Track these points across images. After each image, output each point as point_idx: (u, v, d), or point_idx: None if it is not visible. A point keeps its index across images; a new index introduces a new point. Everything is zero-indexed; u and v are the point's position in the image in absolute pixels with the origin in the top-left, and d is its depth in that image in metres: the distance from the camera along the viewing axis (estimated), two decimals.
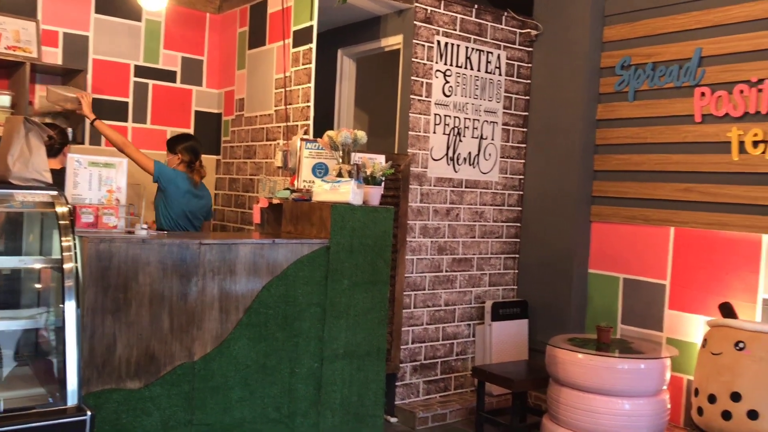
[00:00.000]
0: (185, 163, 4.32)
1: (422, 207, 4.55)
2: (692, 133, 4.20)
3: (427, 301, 4.62)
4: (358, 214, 3.39)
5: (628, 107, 4.54)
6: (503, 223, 5.01)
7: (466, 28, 4.69)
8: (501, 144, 4.94)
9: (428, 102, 4.53)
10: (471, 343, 4.87)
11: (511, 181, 5.03)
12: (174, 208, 4.23)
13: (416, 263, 4.54)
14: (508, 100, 4.96)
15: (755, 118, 3.92)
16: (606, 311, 4.64)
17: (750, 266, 3.93)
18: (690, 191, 4.20)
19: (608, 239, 4.67)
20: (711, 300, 4.04)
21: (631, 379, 3.65)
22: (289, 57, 4.35)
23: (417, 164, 4.50)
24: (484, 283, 4.93)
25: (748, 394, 3.35)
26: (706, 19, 4.14)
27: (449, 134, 4.66)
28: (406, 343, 4.51)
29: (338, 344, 3.36)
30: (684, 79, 4.23)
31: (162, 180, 4.21)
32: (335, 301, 3.34)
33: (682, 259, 4.25)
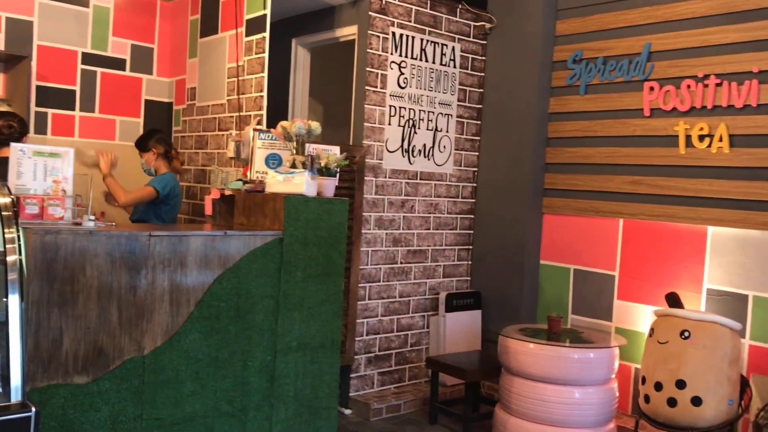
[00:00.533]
0: (161, 155, 4.30)
1: (377, 199, 4.55)
2: (641, 126, 4.29)
3: (382, 293, 4.62)
4: (312, 206, 3.36)
5: (579, 101, 4.61)
6: (457, 214, 5.05)
7: (421, 20, 4.69)
8: (455, 136, 4.97)
9: (383, 93, 4.52)
10: (425, 334, 4.90)
11: (466, 173, 5.07)
12: (175, 213, 4.26)
13: (371, 255, 4.54)
14: (462, 92, 4.98)
15: (701, 113, 4.02)
16: (557, 301, 4.72)
17: (696, 257, 4.05)
18: (638, 184, 4.29)
19: (559, 231, 4.74)
20: (658, 290, 4.15)
21: (580, 368, 3.72)
22: (242, 46, 4.28)
23: (372, 156, 4.50)
24: (439, 275, 4.96)
25: (692, 381, 3.45)
26: (655, 15, 4.22)
27: (404, 126, 4.66)
28: (361, 334, 4.51)
29: (292, 337, 3.34)
30: (634, 74, 4.31)
31: (170, 196, 4.24)
32: (289, 293, 3.31)
33: (631, 251, 4.35)
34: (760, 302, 3.77)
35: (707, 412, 3.44)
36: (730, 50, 3.90)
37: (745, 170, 3.84)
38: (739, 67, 3.86)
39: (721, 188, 3.92)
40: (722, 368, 3.47)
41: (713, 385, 3.44)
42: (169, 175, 4.33)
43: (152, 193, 4.18)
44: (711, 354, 3.48)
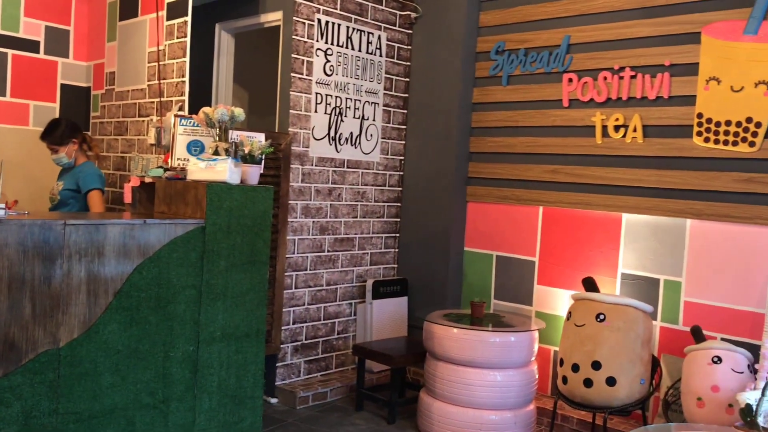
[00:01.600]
0: (80, 143, 4.18)
1: (304, 187, 4.53)
2: (560, 117, 4.41)
3: (309, 281, 4.61)
4: (235, 194, 3.32)
5: (502, 91, 4.71)
6: (384, 203, 5.08)
7: (347, 8, 4.68)
8: (382, 125, 4.99)
9: (309, 81, 4.50)
10: (352, 321, 4.92)
11: (392, 161, 5.10)
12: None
13: (298, 243, 4.52)
14: (389, 81, 5.01)
15: (617, 104, 4.17)
16: (480, 287, 4.82)
17: (611, 243, 4.21)
18: (557, 172, 4.42)
19: (483, 218, 4.84)
20: (576, 275, 4.29)
21: (502, 351, 3.82)
22: (163, 30, 4.17)
23: (298, 143, 4.47)
24: (366, 263, 4.98)
25: (607, 362, 3.60)
26: (573, 8, 4.34)
27: (331, 114, 4.65)
28: (287, 323, 4.49)
29: (215, 327, 3.30)
30: (553, 65, 4.43)
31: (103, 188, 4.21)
32: (212, 282, 3.26)
33: (550, 237, 4.48)
34: (671, 285, 3.96)
35: (621, 391, 3.59)
36: (644, 44, 4.05)
37: (658, 159, 4.01)
38: (652, 60, 4.02)
39: (635, 177, 4.09)
40: (635, 349, 3.63)
41: (626, 365, 3.60)
42: (94, 167, 4.20)
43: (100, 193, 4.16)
44: (624, 336, 3.63)
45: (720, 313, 3.77)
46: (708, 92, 3.79)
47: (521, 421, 3.86)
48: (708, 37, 3.79)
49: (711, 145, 3.79)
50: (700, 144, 3.83)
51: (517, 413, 3.85)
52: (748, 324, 3.65)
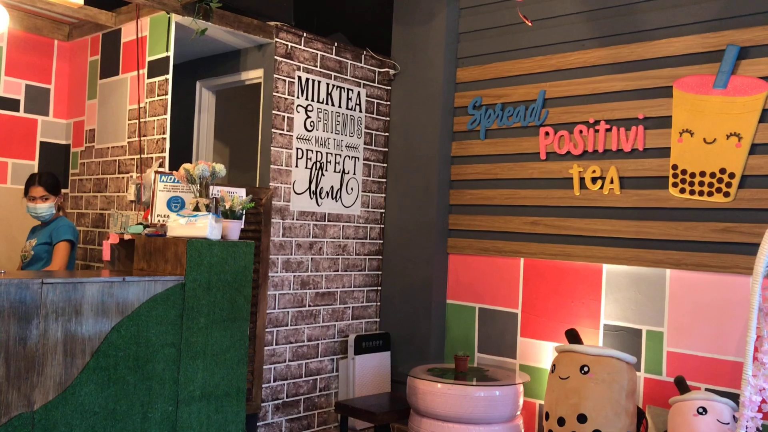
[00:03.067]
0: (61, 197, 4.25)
1: (285, 241, 4.52)
2: (538, 169, 4.48)
3: (290, 337, 4.56)
4: (216, 250, 3.30)
5: (480, 145, 4.77)
6: (366, 255, 5.07)
7: (327, 65, 4.76)
8: (363, 178, 5.03)
9: (290, 136, 4.53)
10: (334, 378, 4.85)
11: (373, 214, 5.12)
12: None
13: (278, 298, 4.48)
14: (368, 136, 5.06)
15: (593, 156, 4.24)
16: (463, 340, 4.79)
17: (593, 294, 4.22)
18: (537, 224, 4.46)
19: (465, 270, 4.84)
20: (559, 327, 4.29)
21: (487, 406, 3.78)
22: (144, 88, 4.20)
23: (279, 198, 4.47)
24: (348, 317, 4.94)
25: (592, 415, 3.57)
26: (548, 64, 4.46)
27: (311, 168, 4.67)
28: (268, 381, 4.41)
29: (195, 386, 3.24)
30: (530, 119, 4.51)
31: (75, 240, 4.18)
32: (191, 340, 3.22)
33: (532, 289, 4.49)
34: (653, 336, 3.96)
35: None
36: (618, 98, 4.15)
37: (635, 210, 4.06)
38: (626, 113, 4.11)
39: (613, 228, 4.13)
40: (620, 401, 3.61)
41: (612, 418, 3.57)
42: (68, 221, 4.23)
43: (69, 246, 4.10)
44: (609, 388, 3.61)
45: (702, 362, 3.77)
46: (682, 144, 3.88)
47: None
48: (679, 91, 3.90)
49: (687, 196, 3.86)
50: (676, 195, 3.89)
51: None
52: (729, 373, 3.65)
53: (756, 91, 3.64)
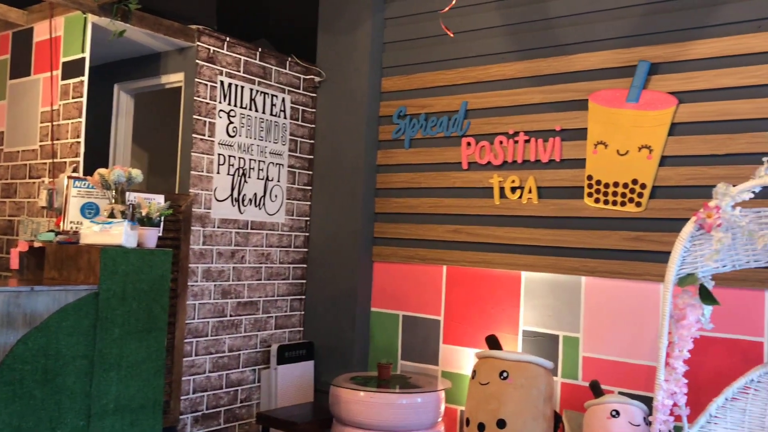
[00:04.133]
0: None
1: (205, 249, 4.42)
2: (460, 179, 4.55)
3: (210, 348, 4.46)
4: (131, 258, 3.20)
5: (404, 154, 4.81)
6: (290, 264, 5.02)
7: (251, 71, 4.70)
8: (287, 186, 4.98)
9: (212, 142, 4.45)
10: (256, 388, 4.77)
11: (298, 222, 5.08)
12: None
13: (198, 308, 4.38)
14: (293, 143, 5.02)
15: (512, 167, 4.34)
16: (387, 348, 4.80)
17: (512, 301, 4.31)
18: (459, 232, 4.53)
19: (389, 278, 4.86)
20: (480, 333, 4.35)
21: (409, 413, 3.80)
22: (58, 89, 4.04)
23: (200, 205, 4.38)
24: (270, 326, 4.87)
25: (511, 420, 3.64)
26: (470, 76, 4.54)
27: (234, 175, 4.60)
28: (187, 393, 4.30)
29: (108, 399, 3.12)
30: (452, 130, 4.58)
31: None
32: (105, 352, 3.10)
33: (454, 296, 4.55)
34: (569, 341, 4.07)
35: None
36: (536, 110, 4.26)
37: (552, 219, 4.18)
38: (543, 125, 4.23)
39: (532, 236, 4.23)
40: (538, 406, 3.69)
41: (530, 422, 3.64)
42: None
43: None
44: (527, 393, 3.69)
45: (616, 367, 3.90)
46: (596, 156, 4.02)
47: None
48: (594, 104, 4.04)
49: (601, 206, 3.99)
50: (590, 204, 4.03)
51: None
52: (642, 377, 3.80)
53: (665, 106, 3.81)
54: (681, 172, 3.77)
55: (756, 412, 3.19)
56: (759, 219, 2.94)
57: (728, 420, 3.21)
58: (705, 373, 3.54)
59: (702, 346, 3.43)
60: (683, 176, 3.76)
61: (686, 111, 3.76)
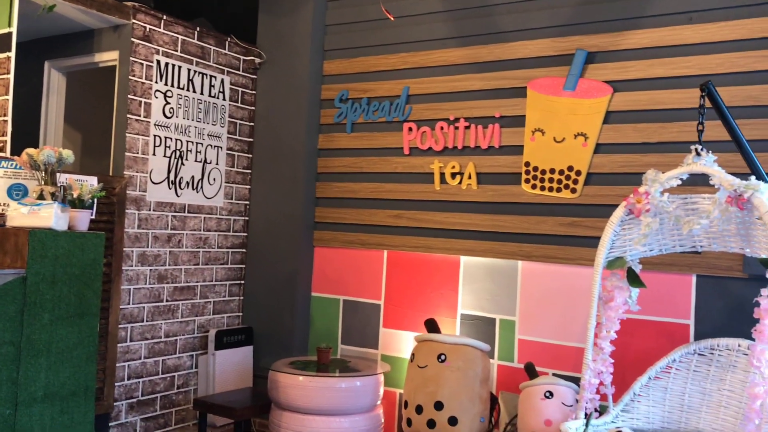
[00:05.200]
0: None
1: (140, 233, 4.32)
2: (402, 164, 4.56)
3: (146, 334, 4.37)
4: (61, 241, 3.10)
5: (346, 138, 4.79)
6: (228, 249, 4.95)
7: (188, 50, 4.59)
8: (226, 169, 4.90)
9: (147, 123, 4.34)
10: (194, 374, 4.70)
11: (237, 206, 5.01)
12: None
13: (133, 293, 4.28)
14: (232, 125, 4.94)
15: (453, 152, 4.38)
16: (327, 333, 4.80)
17: (451, 285, 4.36)
18: (400, 217, 4.55)
19: (330, 263, 4.85)
20: (419, 317, 4.39)
21: (348, 396, 3.81)
22: None
23: (135, 187, 4.27)
24: (209, 312, 4.81)
25: (448, 402, 3.69)
26: (412, 61, 4.54)
27: (170, 157, 4.50)
28: (122, 379, 4.21)
29: (37, 386, 3.03)
30: (394, 115, 4.58)
31: None
32: (33, 338, 3.01)
33: (395, 280, 4.57)
34: (506, 325, 4.15)
35: (462, 430, 3.68)
36: (477, 96, 4.30)
37: (491, 205, 4.23)
38: (483, 112, 4.27)
39: (471, 221, 4.28)
40: (474, 388, 3.76)
41: (467, 404, 3.71)
42: None
43: None
44: (464, 375, 3.75)
45: (550, 349, 4.00)
46: (534, 143, 4.09)
47: None
48: (533, 92, 4.10)
49: (537, 192, 4.07)
50: (528, 190, 4.10)
51: None
52: (573, 358, 3.90)
53: (601, 94, 3.90)
54: (614, 159, 3.87)
55: (677, 390, 3.33)
56: (686, 205, 3.05)
57: (651, 398, 3.34)
58: (632, 354, 3.66)
59: (630, 328, 3.55)
60: (617, 163, 3.86)
61: (620, 100, 3.86)
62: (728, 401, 3.20)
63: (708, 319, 3.60)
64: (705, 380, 3.29)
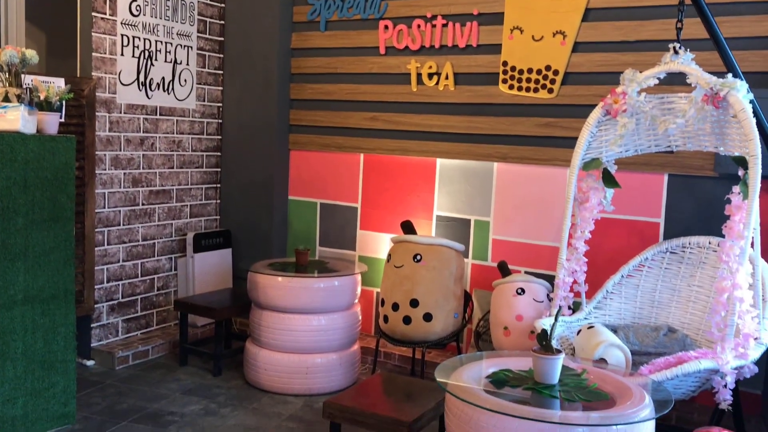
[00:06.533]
0: None
1: (112, 136, 4.24)
2: (378, 64, 4.47)
3: (123, 237, 4.37)
4: (31, 145, 3.04)
5: (320, 37, 4.67)
6: (203, 152, 4.90)
7: None
8: (197, 70, 4.77)
9: (114, 21, 4.17)
10: (173, 276, 4.75)
11: (210, 108, 4.91)
12: None
13: (108, 197, 4.25)
14: (202, 23, 4.77)
15: (430, 52, 4.29)
16: (305, 235, 4.85)
17: (427, 187, 4.38)
18: (376, 120, 4.50)
19: (306, 166, 4.83)
20: (396, 219, 4.44)
21: (326, 296, 3.89)
22: None
23: (104, 89, 4.16)
24: (185, 215, 4.81)
25: (423, 299, 3.79)
26: None
27: (139, 57, 4.36)
28: (101, 282, 4.24)
29: (16, 289, 3.05)
30: (370, 12, 4.45)
31: None
32: (9, 242, 3.00)
33: (371, 183, 4.58)
34: (480, 225, 4.22)
35: (437, 326, 3.81)
36: None
37: (468, 106, 4.20)
38: (461, 9, 4.16)
39: (447, 123, 4.26)
40: (449, 286, 3.85)
41: (441, 301, 3.81)
42: None
43: None
44: (439, 274, 3.83)
45: (523, 248, 4.09)
46: (512, 41, 4.01)
47: (346, 361, 3.97)
48: None
49: (515, 92, 4.03)
50: (504, 91, 4.06)
51: (342, 354, 3.96)
52: (547, 257, 4.00)
53: None
54: (593, 58, 3.83)
55: (648, 287, 3.44)
56: (662, 105, 3.05)
57: (623, 295, 3.45)
58: (605, 254, 3.76)
59: (602, 228, 3.62)
60: (595, 63, 3.83)
61: None
62: (697, 296, 3.32)
63: (678, 217, 3.69)
64: (676, 277, 3.40)
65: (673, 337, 3.14)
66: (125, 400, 3.70)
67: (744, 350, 2.73)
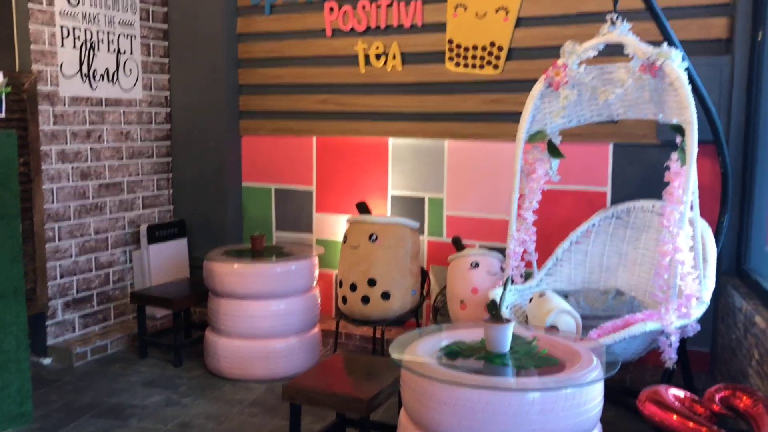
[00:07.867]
0: None
1: (57, 130, 4.16)
2: (325, 47, 4.46)
3: (75, 232, 4.30)
4: None
5: (266, 21, 4.63)
6: (153, 142, 4.83)
7: None
8: (142, 59, 4.70)
9: (51, 12, 4.08)
10: (129, 269, 4.70)
11: (157, 97, 4.84)
12: None
13: (57, 192, 4.18)
14: (144, 11, 4.69)
15: (377, 33, 4.30)
16: (261, 221, 4.83)
17: (380, 167, 4.41)
18: (327, 102, 4.50)
19: (258, 152, 4.81)
20: (351, 200, 4.45)
21: (283, 280, 3.89)
22: None
23: (45, 82, 4.07)
24: (138, 207, 4.75)
25: (380, 278, 3.82)
26: None
27: (81, 48, 4.27)
28: (54, 278, 4.18)
29: None
30: None
31: None
32: None
33: (325, 166, 4.59)
34: (434, 202, 4.26)
35: (395, 304, 3.85)
36: None
37: (416, 86, 4.22)
38: None
39: (397, 103, 4.28)
40: (405, 264, 3.89)
41: (398, 279, 3.85)
42: None
43: None
44: (395, 253, 3.87)
45: (477, 223, 4.15)
46: (456, 19, 4.04)
47: (306, 344, 3.99)
48: None
49: (461, 70, 4.07)
50: (451, 69, 4.09)
51: (302, 337, 3.98)
52: (500, 230, 4.05)
53: None
54: (535, 33, 3.88)
55: (596, 252, 3.53)
56: (602, 75, 3.12)
57: (572, 261, 3.53)
58: (555, 223, 3.84)
59: (552, 198, 3.69)
60: (537, 37, 3.88)
61: None
62: (643, 259, 3.42)
63: (624, 185, 3.78)
64: (622, 242, 3.49)
65: (621, 300, 3.23)
66: (84, 396, 3.67)
67: (686, 310, 2.83)
